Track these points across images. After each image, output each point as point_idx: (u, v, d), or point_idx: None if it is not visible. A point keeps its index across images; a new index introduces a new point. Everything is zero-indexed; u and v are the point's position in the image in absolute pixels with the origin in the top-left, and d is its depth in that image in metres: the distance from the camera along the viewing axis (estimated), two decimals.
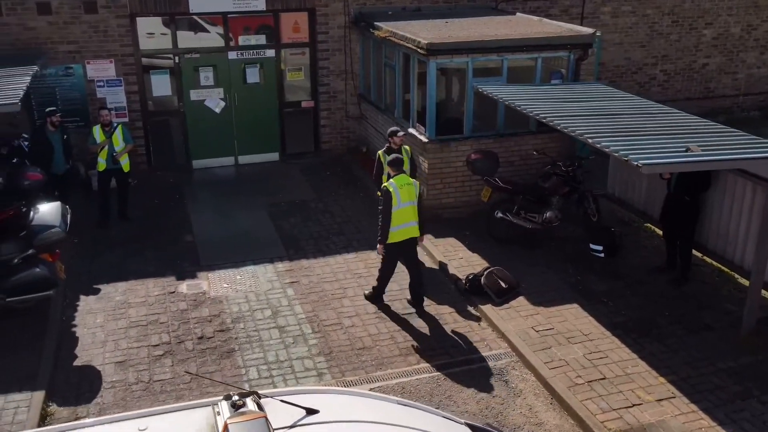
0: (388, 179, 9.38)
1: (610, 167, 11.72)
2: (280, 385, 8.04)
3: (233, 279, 10.38)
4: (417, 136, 12.24)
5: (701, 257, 10.23)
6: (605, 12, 16.52)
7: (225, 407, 4.06)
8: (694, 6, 17.26)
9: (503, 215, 11.18)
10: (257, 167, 14.90)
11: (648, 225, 11.47)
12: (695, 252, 10.06)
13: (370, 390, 7.79)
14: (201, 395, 7.77)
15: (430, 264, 10.91)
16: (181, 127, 14.60)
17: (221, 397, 4.13)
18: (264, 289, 10.09)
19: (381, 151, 10.50)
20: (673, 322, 9.14)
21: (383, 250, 9.38)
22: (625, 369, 8.18)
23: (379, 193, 9.51)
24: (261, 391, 4.25)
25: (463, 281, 10.04)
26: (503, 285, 9.74)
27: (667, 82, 17.71)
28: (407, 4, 15.01)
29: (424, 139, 12.04)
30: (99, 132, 11.69)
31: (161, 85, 14.29)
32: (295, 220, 12.38)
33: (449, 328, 9.22)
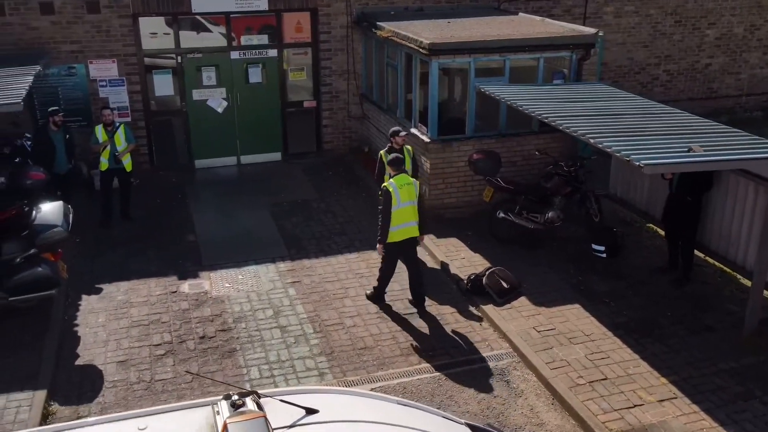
0: (389, 179, 9.39)
1: (612, 167, 11.70)
2: (281, 385, 8.04)
3: (235, 279, 10.39)
4: (419, 136, 12.24)
5: (703, 258, 10.21)
6: (608, 12, 16.49)
7: (224, 407, 4.07)
8: (697, 6, 17.23)
9: (505, 215, 11.17)
10: (259, 167, 14.90)
11: (650, 225, 11.45)
12: (697, 252, 10.04)
13: (371, 390, 7.80)
14: (202, 395, 7.77)
15: (431, 264, 10.91)
16: (184, 127, 14.61)
17: (221, 397, 4.14)
18: (266, 289, 10.10)
19: (383, 151, 10.51)
20: (675, 322, 9.13)
21: (383, 249, 9.39)
22: (627, 369, 8.17)
23: (381, 193, 9.51)
24: (260, 391, 4.26)
25: (465, 281, 10.03)
26: (505, 285, 9.74)
27: (670, 82, 17.68)
28: (410, 4, 15.00)
29: (426, 139, 12.03)
30: (101, 132, 11.70)
31: (164, 85, 14.31)
32: (297, 219, 12.39)
33: (451, 328, 9.21)
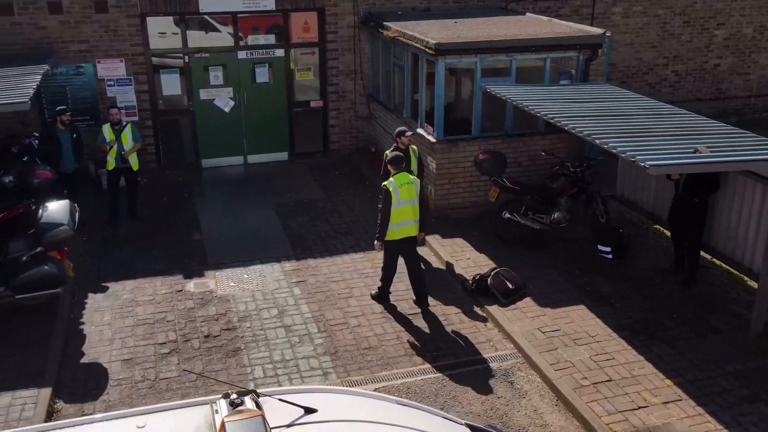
0: (388, 177, 9.40)
1: (619, 168, 11.66)
2: (285, 384, 8.05)
3: (240, 278, 10.41)
4: (425, 136, 12.23)
5: (710, 259, 10.15)
6: (616, 12, 16.43)
7: (223, 405, 4.08)
8: (705, 6, 17.14)
9: (511, 216, 11.15)
10: (266, 167, 14.92)
11: (657, 226, 11.40)
12: (704, 254, 9.99)
13: (375, 390, 7.81)
14: (206, 393, 7.78)
15: (437, 264, 10.90)
16: (191, 127, 14.65)
17: (220, 396, 4.15)
18: (271, 288, 10.11)
19: (389, 151, 10.49)
20: (681, 324, 9.08)
21: (381, 246, 9.40)
22: (632, 371, 8.14)
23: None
24: (259, 390, 4.27)
25: (470, 282, 10.02)
26: (510, 286, 9.71)
27: (678, 83, 17.60)
28: (417, 4, 14.99)
29: (432, 139, 12.02)
30: (108, 131, 11.75)
31: (171, 85, 14.34)
32: (303, 219, 12.40)
33: (455, 328, 9.20)
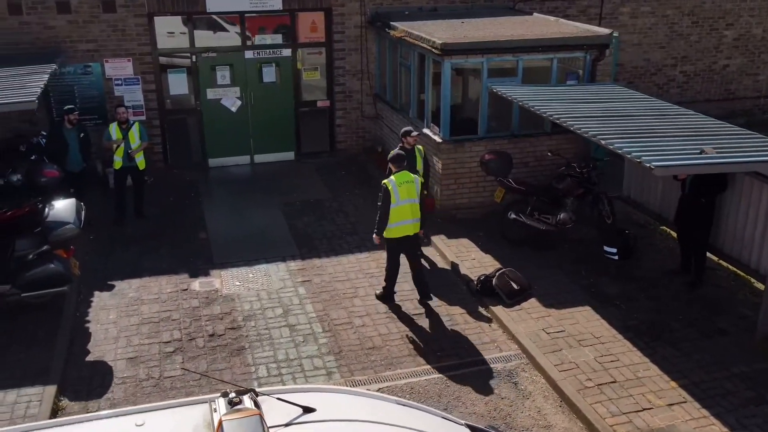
0: (389, 175, 9.39)
1: (625, 169, 11.61)
2: (288, 384, 8.06)
3: (246, 277, 10.43)
4: (431, 136, 12.22)
5: (717, 261, 10.09)
6: (624, 12, 16.36)
7: (222, 404, 4.08)
8: (714, 7, 17.05)
9: (516, 216, 11.13)
10: (272, 166, 14.94)
11: (663, 227, 11.35)
12: (710, 255, 9.93)
13: (378, 390, 7.81)
14: (210, 392, 7.79)
15: (442, 264, 10.89)
16: (198, 126, 14.69)
17: (218, 394, 4.16)
18: (276, 288, 10.12)
19: (394, 151, 10.48)
20: (687, 325, 9.04)
21: (380, 240, 9.43)
22: (637, 373, 8.10)
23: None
24: (258, 389, 4.27)
25: (475, 282, 10.00)
26: (515, 286, 9.69)
27: (687, 83, 17.51)
28: (424, 4, 14.98)
29: (438, 140, 12.01)
30: (116, 129, 11.80)
31: (178, 84, 14.38)
32: (309, 219, 12.41)
33: (460, 328, 9.19)
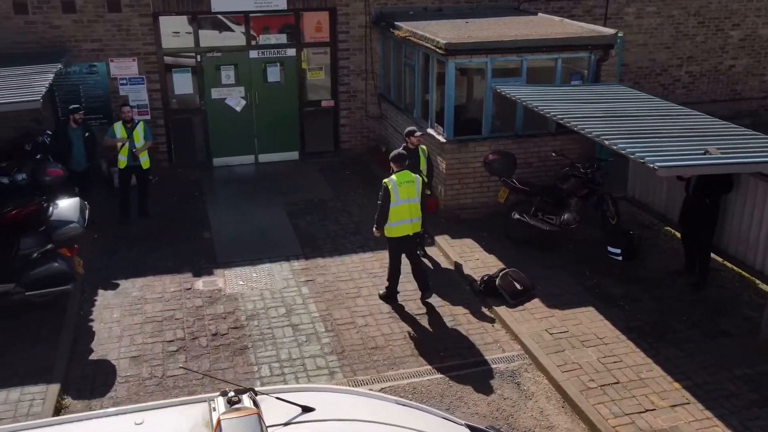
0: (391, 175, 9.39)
1: (630, 169, 11.57)
2: (291, 383, 8.06)
3: (249, 276, 10.44)
4: (435, 136, 12.21)
5: (721, 262, 10.05)
6: (629, 13, 16.31)
7: (221, 403, 4.09)
8: (720, 7, 16.98)
9: (520, 216, 11.11)
10: (277, 166, 14.95)
11: (668, 228, 11.31)
12: (715, 257, 9.90)
13: (381, 390, 7.81)
14: (213, 391, 7.78)
15: (445, 264, 10.87)
16: (202, 125, 14.70)
17: (218, 393, 4.16)
18: (279, 287, 10.13)
19: (396, 150, 10.47)
20: (691, 327, 9.01)
21: (380, 233, 9.45)
22: (640, 374, 8.08)
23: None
24: (258, 388, 4.27)
25: (478, 282, 9.99)
26: (518, 287, 9.68)
27: (692, 83, 17.44)
28: (428, 4, 14.96)
29: (442, 140, 12.00)
30: (121, 128, 11.82)
31: (183, 84, 14.40)
32: (313, 218, 12.41)
33: (463, 329, 9.18)
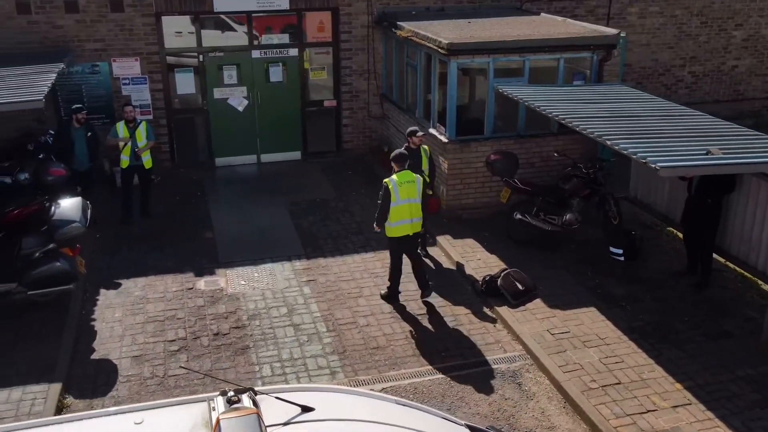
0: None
1: (632, 170, 11.56)
2: (292, 383, 8.06)
3: (251, 276, 10.44)
4: (437, 136, 12.20)
5: (723, 262, 10.03)
6: (632, 13, 16.29)
7: (220, 403, 4.09)
8: (723, 7, 16.95)
9: (522, 217, 11.10)
10: (279, 166, 14.95)
11: (670, 229, 11.29)
12: (717, 257, 9.88)
13: (382, 390, 7.81)
14: (214, 391, 7.79)
15: (447, 264, 10.87)
16: (205, 125, 14.71)
17: (217, 393, 4.16)
18: (281, 287, 10.14)
19: (397, 150, 10.46)
20: (693, 327, 8.99)
21: (380, 228, 9.48)
22: (641, 374, 8.06)
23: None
24: (257, 388, 4.27)
25: (480, 282, 9.98)
26: (520, 287, 9.67)
27: (695, 84, 17.42)
28: (431, 4, 14.96)
29: (444, 140, 11.99)
30: (123, 128, 11.83)
31: (185, 84, 14.42)
32: (315, 218, 12.42)
33: (464, 329, 9.17)
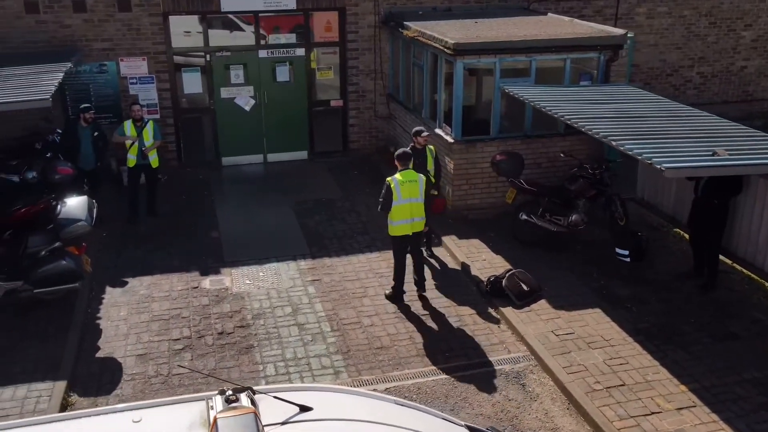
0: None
1: (639, 171, 11.52)
2: (296, 383, 8.07)
3: (256, 276, 10.46)
4: (443, 136, 12.19)
5: (730, 264, 9.98)
6: (640, 13, 16.23)
7: (218, 402, 4.09)
8: (732, 7, 16.87)
9: (528, 217, 11.07)
10: (285, 165, 14.98)
11: (677, 230, 11.24)
12: (724, 259, 9.82)
13: (386, 390, 7.82)
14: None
15: (452, 265, 10.85)
16: (212, 125, 14.75)
17: (216, 392, 4.17)
18: (286, 287, 10.15)
19: (402, 149, 10.45)
20: (698, 329, 8.95)
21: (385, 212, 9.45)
22: (646, 376, 8.03)
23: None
24: (256, 387, 4.28)
25: (485, 283, 9.96)
26: (524, 288, 9.64)
27: (704, 84, 17.34)
28: (438, 3, 14.95)
29: (450, 140, 11.98)
30: (130, 127, 11.87)
31: (192, 83, 14.46)
32: (321, 218, 12.42)
33: (469, 329, 9.16)
